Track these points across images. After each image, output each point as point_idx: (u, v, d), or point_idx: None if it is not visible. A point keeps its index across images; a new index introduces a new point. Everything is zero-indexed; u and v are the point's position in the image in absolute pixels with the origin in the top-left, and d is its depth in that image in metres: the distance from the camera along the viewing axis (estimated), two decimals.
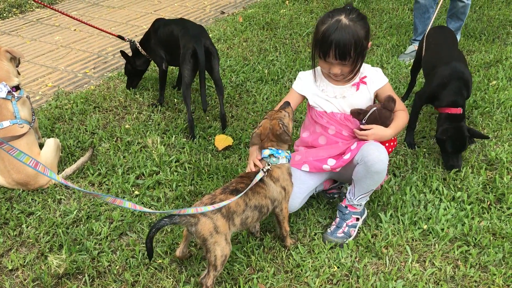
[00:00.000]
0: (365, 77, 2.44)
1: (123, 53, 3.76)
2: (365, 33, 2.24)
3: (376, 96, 2.48)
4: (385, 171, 2.30)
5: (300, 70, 4.17)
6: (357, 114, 2.38)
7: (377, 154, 2.25)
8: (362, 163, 2.28)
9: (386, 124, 2.38)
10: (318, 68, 2.46)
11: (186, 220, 1.98)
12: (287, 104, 2.41)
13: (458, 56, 3.12)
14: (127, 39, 3.76)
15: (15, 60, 3.03)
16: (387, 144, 2.42)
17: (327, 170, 2.43)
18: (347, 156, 2.35)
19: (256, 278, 2.22)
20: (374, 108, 2.36)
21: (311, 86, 2.49)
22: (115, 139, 3.29)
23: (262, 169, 2.20)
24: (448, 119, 2.89)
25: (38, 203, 2.71)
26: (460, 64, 3.00)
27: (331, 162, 2.40)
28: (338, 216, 2.48)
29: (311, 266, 2.29)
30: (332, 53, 2.22)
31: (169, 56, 3.50)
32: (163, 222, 1.94)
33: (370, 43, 2.34)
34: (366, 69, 2.46)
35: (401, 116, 2.45)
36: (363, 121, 2.37)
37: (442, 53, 3.16)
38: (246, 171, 2.35)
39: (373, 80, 2.44)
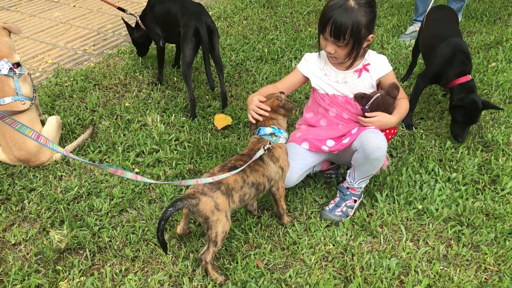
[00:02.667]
0: (368, 64, 2.43)
1: (125, 21, 3.78)
2: (366, 21, 2.20)
3: (379, 84, 2.48)
4: (384, 157, 2.33)
5: (300, 50, 4.19)
6: (361, 98, 2.39)
7: (376, 142, 2.28)
8: (361, 150, 2.31)
9: (388, 111, 2.39)
10: (323, 52, 2.46)
11: (188, 203, 2.02)
12: (282, 93, 2.43)
13: (453, 30, 3.14)
14: (128, 12, 3.76)
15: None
16: (387, 131, 2.44)
17: (325, 151, 2.46)
18: (346, 140, 2.38)
19: (253, 254, 2.28)
20: (378, 94, 2.37)
21: (315, 69, 2.49)
22: (115, 117, 3.31)
23: (263, 147, 2.22)
24: (461, 89, 2.92)
25: (40, 180, 2.75)
26: (457, 38, 3.04)
27: (330, 143, 2.43)
28: (338, 195, 2.53)
29: (307, 243, 2.34)
30: (329, 28, 2.21)
31: (166, 33, 3.49)
32: (168, 212, 1.96)
33: (372, 35, 2.30)
34: (371, 56, 2.45)
35: (403, 104, 2.45)
36: (366, 106, 2.38)
37: (439, 30, 3.17)
38: (249, 119, 2.34)
39: (376, 67, 2.43)
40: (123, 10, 3.79)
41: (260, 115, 2.29)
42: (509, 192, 2.64)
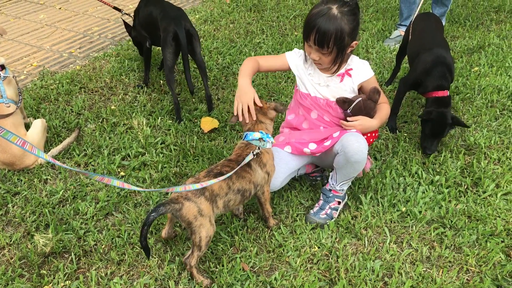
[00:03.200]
0: (351, 69, 2.46)
1: (124, 21, 3.83)
2: (349, 29, 2.23)
3: (360, 88, 2.51)
4: (365, 160, 2.36)
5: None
6: (342, 102, 2.42)
7: (356, 145, 2.30)
8: (342, 153, 2.34)
9: (370, 115, 2.43)
10: None
11: (171, 208, 2.01)
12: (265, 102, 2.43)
13: (440, 42, 3.17)
14: (124, 12, 3.80)
15: None
16: (368, 135, 2.48)
17: (308, 154, 2.49)
18: (327, 143, 2.41)
19: (239, 257, 2.29)
20: (360, 98, 2.40)
21: (301, 66, 2.52)
22: (101, 120, 3.31)
23: (252, 152, 2.23)
24: (435, 102, 2.95)
25: (24, 183, 2.73)
26: (442, 50, 3.05)
27: (312, 146, 2.46)
28: (322, 198, 2.55)
29: (293, 246, 2.36)
30: (312, 37, 2.24)
31: (149, 36, 3.50)
32: (151, 217, 1.95)
33: (356, 42, 2.33)
34: (353, 61, 2.48)
35: (384, 108, 2.49)
36: (348, 111, 2.41)
37: (425, 40, 3.20)
38: (236, 111, 2.30)
39: (359, 72, 2.47)
40: (119, 10, 3.81)
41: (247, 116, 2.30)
42: (491, 195, 2.68)
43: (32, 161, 2.83)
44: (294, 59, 2.54)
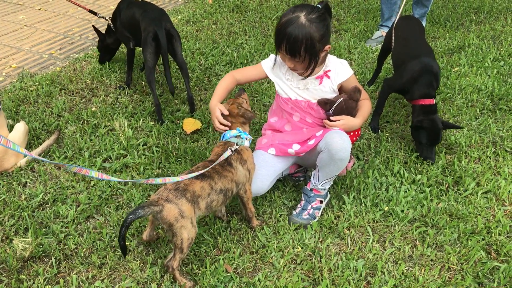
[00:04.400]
0: (329, 70, 2.47)
1: (95, 28, 3.74)
2: (319, 36, 2.22)
3: (340, 88, 2.52)
4: (348, 158, 2.38)
5: (269, 54, 4.20)
6: (324, 104, 2.43)
7: (340, 142, 2.31)
8: (326, 151, 2.35)
9: (352, 114, 2.44)
10: None
11: (151, 210, 1.98)
12: (243, 90, 2.46)
13: (426, 49, 3.16)
14: (100, 15, 3.74)
15: None
16: (351, 133, 2.48)
17: (292, 154, 2.49)
18: (311, 142, 2.41)
19: (223, 259, 2.27)
20: (341, 99, 2.41)
21: (278, 72, 2.52)
22: (81, 122, 3.26)
23: (230, 148, 2.23)
24: (422, 110, 2.96)
25: (3, 186, 2.68)
26: (429, 58, 3.04)
27: (296, 147, 2.46)
28: (303, 198, 2.55)
29: (276, 246, 2.35)
30: (284, 46, 2.25)
31: (133, 37, 3.47)
32: (129, 219, 1.92)
33: (328, 46, 2.33)
34: (331, 61, 2.48)
35: (365, 105, 2.51)
36: (330, 111, 2.42)
37: (411, 47, 3.19)
38: (215, 127, 2.38)
39: (338, 73, 2.47)
40: (94, 13, 3.76)
41: (224, 124, 2.35)
42: (472, 193, 2.72)
43: (11, 164, 2.78)
44: (271, 66, 2.54)
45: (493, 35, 4.74)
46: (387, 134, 3.22)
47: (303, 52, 2.23)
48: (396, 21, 3.42)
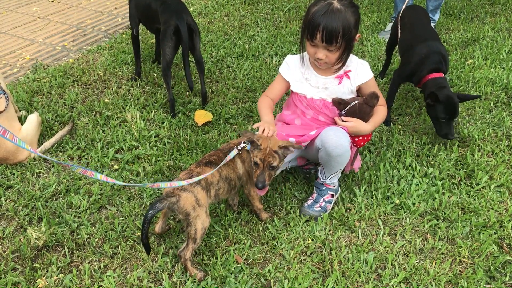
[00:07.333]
0: (349, 71, 2.43)
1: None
2: (354, 21, 2.21)
3: (359, 90, 2.48)
4: (347, 152, 2.34)
5: (281, 46, 4.20)
6: (338, 103, 2.40)
7: (335, 139, 2.29)
8: (323, 149, 2.33)
9: (364, 119, 2.40)
10: (306, 55, 2.44)
11: (168, 202, 2.03)
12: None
13: (433, 34, 3.18)
14: None
15: None
16: (360, 138, 2.43)
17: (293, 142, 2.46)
18: (313, 132, 2.39)
19: (233, 250, 2.29)
20: (356, 102, 2.38)
21: (297, 73, 2.49)
22: (94, 113, 3.29)
23: (237, 147, 2.23)
24: (432, 84, 2.90)
25: (17, 177, 2.71)
26: (436, 42, 3.06)
27: (298, 137, 2.44)
28: (315, 191, 2.55)
29: (286, 238, 2.36)
30: (319, 35, 2.20)
31: (146, 26, 3.44)
32: (149, 215, 1.97)
33: (358, 34, 2.32)
34: (352, 61, 2.44)
35: (380, 112, 2.46)
36: (343, 112, 2.40)
37: (418, 33, 3.20)
38: (263, 130, 2.26)
39: (358, 74, 2.44)
40: None
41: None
42: (484, 187, 2.69)
43: (25, 156, 2.81)
44: (288, 69, 2.51)
45: (509, 27, 4.67)
46: (399, 127, 3.20)
47: (340, 39, 2.20)
48: (401, 10, 3.41)
